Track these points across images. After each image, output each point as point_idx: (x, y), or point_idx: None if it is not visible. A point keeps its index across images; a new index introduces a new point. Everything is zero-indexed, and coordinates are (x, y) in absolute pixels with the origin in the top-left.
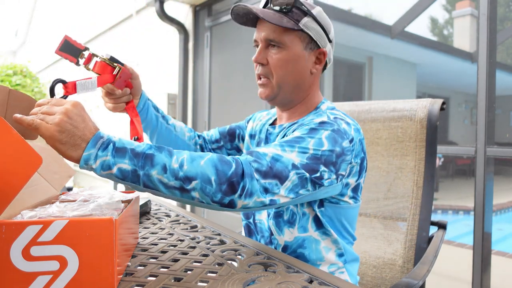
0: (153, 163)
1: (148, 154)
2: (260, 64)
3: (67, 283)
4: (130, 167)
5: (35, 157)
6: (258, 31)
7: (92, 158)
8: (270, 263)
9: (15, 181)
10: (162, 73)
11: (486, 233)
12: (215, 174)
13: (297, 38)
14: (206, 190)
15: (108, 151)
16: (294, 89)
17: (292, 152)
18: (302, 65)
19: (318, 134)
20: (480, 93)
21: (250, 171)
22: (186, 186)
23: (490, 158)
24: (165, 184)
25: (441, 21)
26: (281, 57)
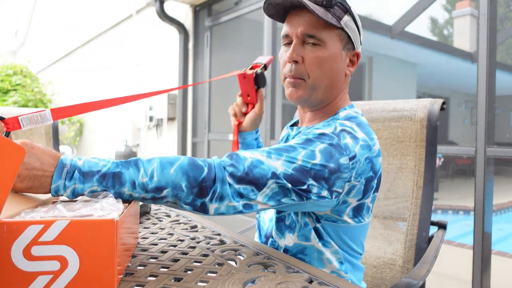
0: (122, 181)
1: (115, 173)
2: (293, 62)
3: (68, 283)
4: (100, 189)
5: (17, 149)
6: (293, 26)
7: (61, 189)
8: (270, 263)
9: (4, 177)
10: (162, 73)
11: (486, 233)
12: (186, 180)
13: (336, 37)
14: (177, 195)
15: (75, 179)
16: (327, 91)
17: (277, 160)
18: (339, 66)
19: (312, 146)
20: (480, 93)
21: (223, 176)
22: (158, 195)
23: (490, 158)
24: (137, 197)
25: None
26: (320, 55)
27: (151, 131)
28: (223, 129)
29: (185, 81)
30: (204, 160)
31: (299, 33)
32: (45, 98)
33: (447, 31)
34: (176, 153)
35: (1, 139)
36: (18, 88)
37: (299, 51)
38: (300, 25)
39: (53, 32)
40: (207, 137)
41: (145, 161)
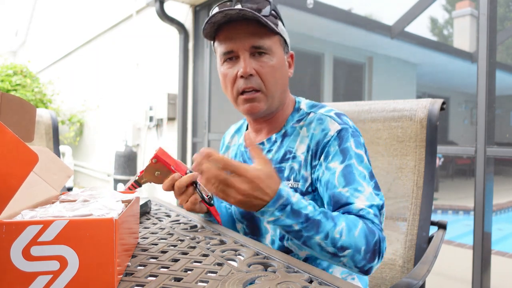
0: (319, 230)
1: (316, 220)
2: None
3: (67, 283)
4: (298, 227)
5: (31, 155)
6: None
7: (267, 215)
8: (270, 263)
9: (12, 180)
10: (162, 73)
11: (486, 233)
12: (365, 244)
13: (278, 43)
14: (354, 258)
15: (284, 213)
16: (280, 97)
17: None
18: (286, 71)
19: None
20: (480, 93)
21: (383, 236)
22: (339, 253)
23: (490, 158)
24: (322, 248)
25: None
26: (272, 64)
27: (151, 131)
28: (223, 129)
29: (185, 81)
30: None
31: (247, 46)
32: (45, 98)
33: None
34: (176, 153)
35: (18, 143)
36: (18, 88)
37: (251, 64)
38: (245, 38)
39: (53, 32)
40: (207, 137)
41: (336, 217)
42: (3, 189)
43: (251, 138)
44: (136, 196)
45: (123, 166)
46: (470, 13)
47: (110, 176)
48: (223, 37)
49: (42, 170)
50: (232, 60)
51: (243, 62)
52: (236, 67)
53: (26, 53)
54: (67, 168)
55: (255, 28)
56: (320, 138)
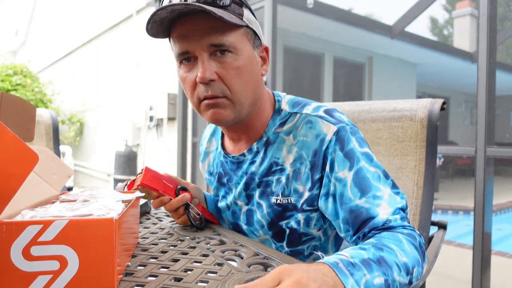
0: (389, 263)
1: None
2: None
3: (67, 283)
4: (383, 278)
5: (31, 155)
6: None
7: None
8: (270, 263)
9: (12, 180)
10: (162, 73)
11: (486, 233)
12: (418, 252)
13: (244, 37)
14: (418, 273)
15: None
16: (253, 101)
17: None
18: (256, 69)
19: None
20: (480, 93)
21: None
22: (412, 278)
23: (490, 158)
24: (402, 284)
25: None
26: (238, 65)
27: (151, 131)
28: None
29: None
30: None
31: (204, 45)
32: (45, 98)
33: (447, 31)
34: (176, 153)
35: (18, 143)
36: (18, 88)
37: (210, 67)
38: (202, 36)
39: (53, 32)
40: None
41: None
42: (3, 189)
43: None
44: (136, 196)
45: (123, 166)
46: (470, 13)
47: (110, 176)
48: (176, 34)
49: (42, 170)
50: (189, 62)
51: (201, 66)
52: (194, 70)
53: (26, 53)
54: (67, 168)
55: (213, 22)
56: (316, 146)
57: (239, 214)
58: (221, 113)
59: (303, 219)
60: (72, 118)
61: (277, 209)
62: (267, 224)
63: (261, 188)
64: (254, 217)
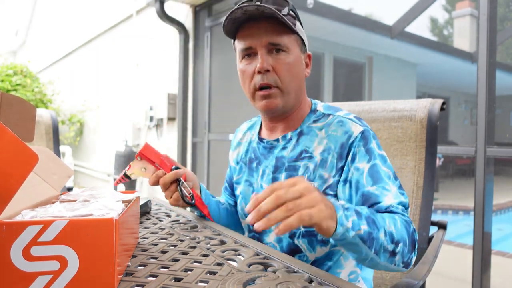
0: (377, 225)
1: (371, 217)
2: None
3: (67, 283)
4: (368, 228)
5: (31, 155)
6: (254, 37)
7: (344, 219)
8: (270, 263)
9: (12, 180)
10: (162, 73)
11: (486, 233)
12: (407, 235)
13: (295, 41)
14: (404, 251)
15: (351, 211)
16: (296, 95)
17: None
18: (302, 69)
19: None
20: (480, 93)
21: (414, 227)
22: (396, 249)
23: (490, 158)
24: (385, 248)
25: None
26: (289, 61)
27: (151, 131)
28: (223, 129)
29: (185, 81)
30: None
31: (264, 42)
32: (45, 98)
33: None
34: (176, 153)
35: (18, 143)
36: (18, 88)
37: (268, 60)
38: (263, 35)
39: (53, 32)
40: (207, 137)
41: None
42: (3, 189)
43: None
44: (136, 196)
45: (123, 166)
46: (470, 13)
47: (110, 176)
48: (243, 34)
49: (42, 170)
50: (250, 57)
51: (260, 58)
52: (254, 63)
53: (26, 53)
54: (67, 168)
55: (273, 26)
56: (344, 140)
57: None
58: (273, 102)
59: None
60: (72, 118)
61: None
62: None
63: (288, 172)
64: None
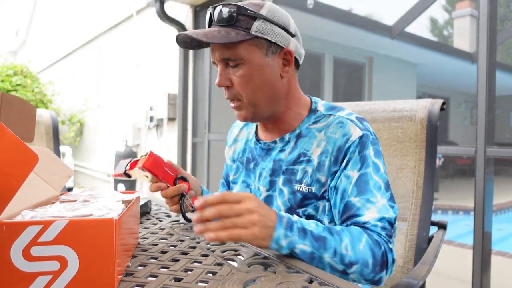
0: (326, 246)
1: (322, 237)
2: (225, 88)
3: (68, 283)
4: (310, 249)
5: (31, 155)
6: (212, 52)
7: (281, 237)
8: (270, 263)
9: (12, 181)
10: (162, 73)
11: (486, 233)
12: (372, 257)
13: (253, 47)
14: (363, 272)
15: (295, 232)
16: (270, 102)
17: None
18: (269, 74)
19: (368, 160)
20: (480, 93)
21: (389, 247)
22: (348, 270)
23: (490, 158)
24: (332, 266)
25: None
26: (244, 73)
27: (151, 131)
28: (223, 129)
29: (185, 81)
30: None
31: (218, 58)
32: (45, 99)
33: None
34: (176, 153)
35: (18, 144)
36: (19, 89)
37: (225, 75)
38: (216, 50)
39: (53, 32)
40: (207, 137)
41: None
42: (3, 189)
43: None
44: (136, 196)
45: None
46: (470, 13)
47: (110, 176)
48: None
49: (42, 170)
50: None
51: (218, 75)
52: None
53: (26, 53)
54: (67, 168)
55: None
56: (341, 143)
57: None
58: (241, 115)
59: (322, 206)
60: (72, 118)
61: (298, 196)
62: (286, 210)
63: (286, 176)
64: (273, 203)
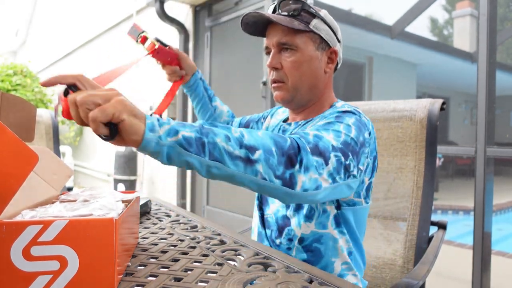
0: (215, 132)
1: (205, 126)
2: (274, 69)
3: (67, 283)
4: (194, 134)
5: (31, 155)
6: (269, 38)
7: (156, 125)
8: (270, 263)
9: (12, 180)
10: (162, 73)
11: (486, 233)
12: (274, 145)
13: (308, 40)
14: (269, 161)
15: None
16: (310, 90)
17: (328, 134)
18: (316, 66)
19: (345, 120)
20: (480, 93)
21: (303, 145)
22: (252, 156)
23: (490, 158)
24: (231, 153)
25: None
26: (295, 59)
27: None
28: None
29: None
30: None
31: (275, 42)
32: (45, 98)
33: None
34: None
35: (18, 143)
36: (19, 88)
37: (277, 58)
38: (274, 36)
39: (53, 32)
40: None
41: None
42: (3, 189)
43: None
44: (136, 196)
45: (123, 166)
46: (470, 13)
47: (110, 176)
48: (266, 34)
49: (42, 170)
50: (269, 55)
51: (270, 57)
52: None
53: (26, 53)
54: (67, 168)
55: (284, 27)
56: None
57: None
58: (280, 94)
59: None
60: None
61: None
62: None
63: None
64: None
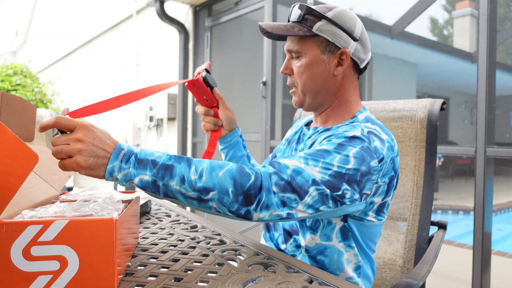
0: (172, 174)
1: (167, 165)
2: (287, 75)
3: (68, 283)
4: (150, 178)
5: (31, 155)
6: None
7: (116, 170)
8: (270, 263)
9: (12, 180)
10: (162, 73)
11: (486, 233)
12: (233, 185)
13: (313, 44)
14: (223, 200)
15: (130, 163)
16: (318, 94)
17: (315, 167)
18: (321, 69)
19: (345, 151)
20: (480, 93)
21: (268, 185)
22: (204, 196)
23: (490, 158)
24: (183, 194)
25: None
26: (300, 65)
27: (151, 131)
28: None
29: None
30: (251, 168)
31: (285, 50)
32: (45, 98)
33: (447, 31)
34: (176, 153)
35: (18, 143)
36: (19, 88)
37: (288, 64)
38: (286, 43)
39: (53, 32)
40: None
41: (196, 161)
42: (3, 189)
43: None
44: (136, 196)
45: None
46: (470, 13)
47: None
48: None
49: (42, 170)
50: None
51: (284, 63)
52: None
53: (26, 53)
54: None
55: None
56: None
57: None
58: (294, 100)
59: None
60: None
61: None
62: None
63: None
64: None
